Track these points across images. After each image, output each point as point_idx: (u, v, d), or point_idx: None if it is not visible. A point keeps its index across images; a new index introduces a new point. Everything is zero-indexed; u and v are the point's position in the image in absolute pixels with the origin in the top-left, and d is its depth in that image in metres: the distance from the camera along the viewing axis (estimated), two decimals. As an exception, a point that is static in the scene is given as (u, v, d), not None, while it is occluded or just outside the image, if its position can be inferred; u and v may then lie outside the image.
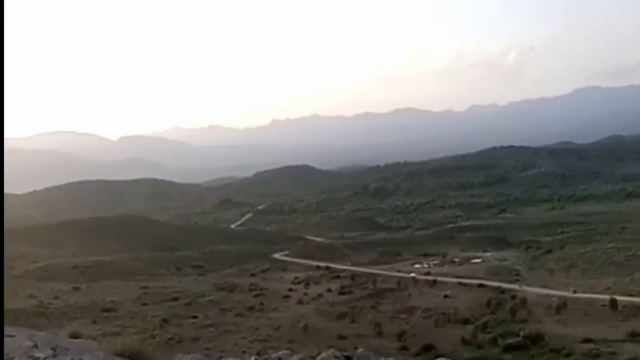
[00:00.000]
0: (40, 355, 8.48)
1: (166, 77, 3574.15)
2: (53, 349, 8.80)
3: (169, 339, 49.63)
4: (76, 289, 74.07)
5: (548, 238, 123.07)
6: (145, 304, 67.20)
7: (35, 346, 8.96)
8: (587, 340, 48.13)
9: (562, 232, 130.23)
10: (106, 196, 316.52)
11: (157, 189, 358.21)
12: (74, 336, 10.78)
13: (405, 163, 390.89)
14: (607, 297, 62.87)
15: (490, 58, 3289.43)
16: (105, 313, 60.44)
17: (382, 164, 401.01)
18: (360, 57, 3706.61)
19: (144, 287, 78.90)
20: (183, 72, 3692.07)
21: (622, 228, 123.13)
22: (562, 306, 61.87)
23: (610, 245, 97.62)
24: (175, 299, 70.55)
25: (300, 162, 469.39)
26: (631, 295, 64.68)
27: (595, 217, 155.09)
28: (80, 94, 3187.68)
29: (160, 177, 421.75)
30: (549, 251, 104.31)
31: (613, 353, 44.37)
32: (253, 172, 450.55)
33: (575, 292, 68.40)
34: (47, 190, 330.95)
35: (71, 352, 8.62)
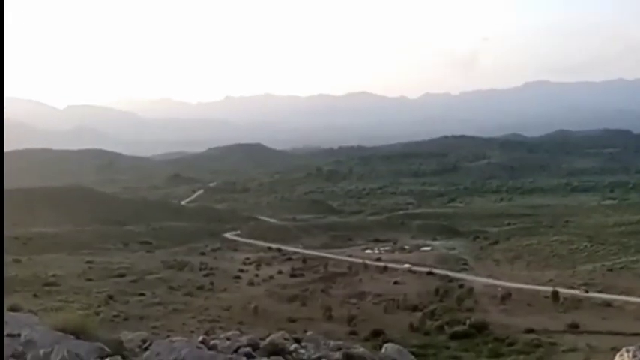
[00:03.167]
0: (-25, 327, 7.91)
1: (118, 46, 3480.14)
2: (-11, 321, 8.22)
3: (115, 316, 48.72)
4: (16, 261, 71.67)
5: (496, 229, 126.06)
6: (89, 280, 65.76)
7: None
8: (530, 331, 49.75)
9: (509, 224, 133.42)
10: (51, 165, 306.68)
11: (105, 160, 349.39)
12: (13, 309, 10.07)
13: (359, 147, 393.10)
14: (550, 288, 65.02)
15: (444, 47, 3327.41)
16: (47, 287, 58.89)
17: (336, 147, 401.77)
18: (313, 38, 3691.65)
19: (89, 262, 77.10)
20: (135, 41, 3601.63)
21: (566, 222, 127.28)
22: (507, 296, 63.56)
23: (554, 238, 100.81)
24: (122, 275, 69.17)
25: (252, 140, 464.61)
26: (572, 288, 67.04)
27: (541, 210, 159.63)
28: (26, 60, 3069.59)
29: (108, 148, 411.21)
30: (496, 242, 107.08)
31: (553, 344, 45.94)
32: (205, 147, 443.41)
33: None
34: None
35: (10, 326, 8.22)
